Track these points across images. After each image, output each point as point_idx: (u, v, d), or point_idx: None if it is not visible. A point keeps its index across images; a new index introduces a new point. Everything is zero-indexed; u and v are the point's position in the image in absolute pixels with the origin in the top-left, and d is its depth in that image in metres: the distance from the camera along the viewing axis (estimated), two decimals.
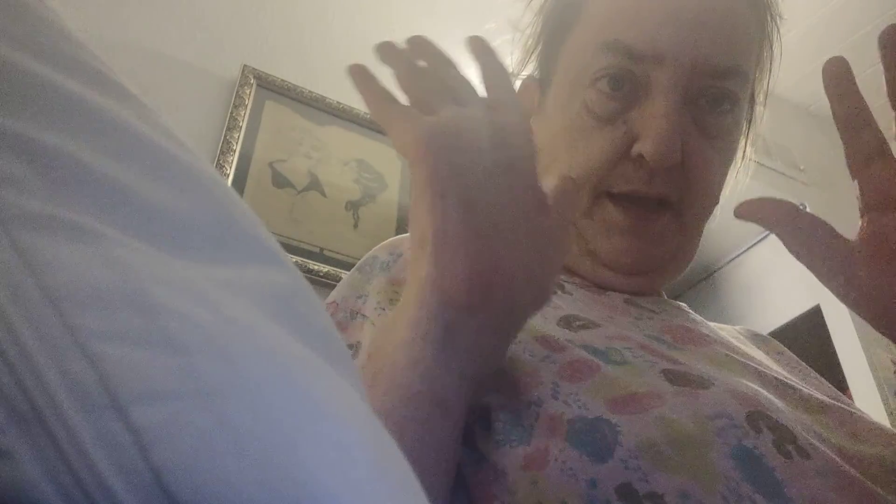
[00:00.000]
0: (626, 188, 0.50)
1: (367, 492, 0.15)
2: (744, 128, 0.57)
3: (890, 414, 1.95)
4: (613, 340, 0.42)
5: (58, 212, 0.15)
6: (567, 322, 0.45)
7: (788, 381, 0.46)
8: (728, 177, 0.56)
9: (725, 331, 0.58)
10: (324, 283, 1.35)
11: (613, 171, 0.50)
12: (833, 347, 2.15)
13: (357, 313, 0.46)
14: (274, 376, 0.15)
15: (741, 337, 0.59)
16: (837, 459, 0.36)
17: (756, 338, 0.61)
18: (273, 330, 0.17)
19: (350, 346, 0.44)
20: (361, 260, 0.52)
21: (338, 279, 1.36)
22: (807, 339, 2.16)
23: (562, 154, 0.52)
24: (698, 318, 0.55)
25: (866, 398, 1.99)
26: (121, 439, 0.13)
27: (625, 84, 0.49)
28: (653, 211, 0.50)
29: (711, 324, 0.56)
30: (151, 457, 0.12)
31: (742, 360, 0.46)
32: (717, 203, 0.54)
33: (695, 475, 0.33)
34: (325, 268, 1.37)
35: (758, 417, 0.37)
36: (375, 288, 0.48)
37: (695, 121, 0.50)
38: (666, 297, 0.58)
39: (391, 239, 0.52)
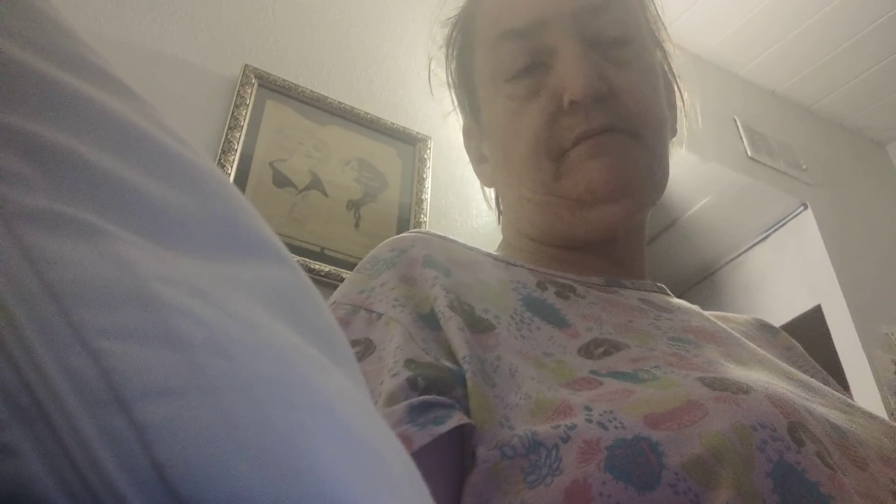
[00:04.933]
0: (573, 134, 0.53)
1: (370, 487, 0.15)
2: (658, 55, 0.61)
3: (890, 414, 1.95)
4: (639, 363, 0.41)
5: (60, 208, 0.15)
6: (587, 351, 0.43)
7: (811, 383, 0.46)
8: (663, 98, 0.58)
9: (737, 323, 0.59)
10: (325, 283, 1.35)
11: (555, 129, 0.53)
12: (833, 347, 2.15)
13: (360, 308, 0.45)
14: (276, 372, 0.15)
15: (753, 330, 0.60)
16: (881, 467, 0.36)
17: (764, 328, 0.62)
18: (275, 326, 0.17)
19: (355, 343, 0.43)
20: (360, 262, 0.51)
21: (339, 279, 1.35)
22: (807, 339, 2.14)
23: (510, 147, 0.56)
24: (710, 315, 0.55)
25: (866, 398, 1.99)
26: (124, 435, 0.13)
27: (529, 59, 0.54)
28: (607, 136, 0.53)
29: (721, 314, 0.57)
30: (154, 453, 0.12)
31: (767, 358, 0.46)
32: (666, 120, 0.57)
33: (739, 490, 0.31)
34: (326, 267, 1.37)
35: (799, 428, 0.35)
36: (382, 282, 0.46)
37: (604, 58, 0.54)
38: (673, 297, 0.57)
39: (391, 238, 0.52)
